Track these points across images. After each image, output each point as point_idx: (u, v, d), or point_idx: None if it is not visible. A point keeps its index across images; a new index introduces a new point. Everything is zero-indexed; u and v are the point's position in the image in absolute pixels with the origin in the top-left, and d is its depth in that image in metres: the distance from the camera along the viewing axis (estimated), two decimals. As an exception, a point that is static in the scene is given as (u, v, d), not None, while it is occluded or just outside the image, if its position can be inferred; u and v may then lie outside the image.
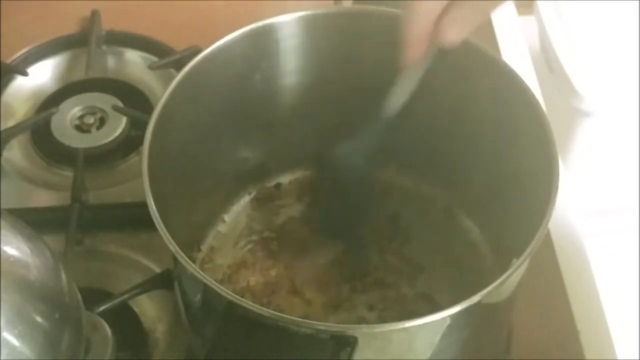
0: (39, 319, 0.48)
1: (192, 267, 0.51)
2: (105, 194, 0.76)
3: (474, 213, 0.70)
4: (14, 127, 0.81)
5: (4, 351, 0.46)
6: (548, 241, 0.72)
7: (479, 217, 0.70)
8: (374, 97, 0.60)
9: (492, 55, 0.62)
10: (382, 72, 0.58)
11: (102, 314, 0.61)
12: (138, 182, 0.55)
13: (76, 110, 0.82)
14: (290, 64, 0.67)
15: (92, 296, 0.62)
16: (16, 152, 0.80)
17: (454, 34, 0.54)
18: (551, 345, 0.67)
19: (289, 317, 0.49)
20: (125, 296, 0.65)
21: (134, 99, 0.83)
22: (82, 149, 0.78)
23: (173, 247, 0.52)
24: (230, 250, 0.70)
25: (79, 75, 0.86)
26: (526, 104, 0.59)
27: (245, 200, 0.73)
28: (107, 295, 0.66)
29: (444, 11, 0.53)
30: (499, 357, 0.65)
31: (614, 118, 1.25)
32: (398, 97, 0.59)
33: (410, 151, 0.70)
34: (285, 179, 0.74)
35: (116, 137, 0.80)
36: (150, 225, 0.52)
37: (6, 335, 0.46)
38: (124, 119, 0.81)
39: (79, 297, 0.54)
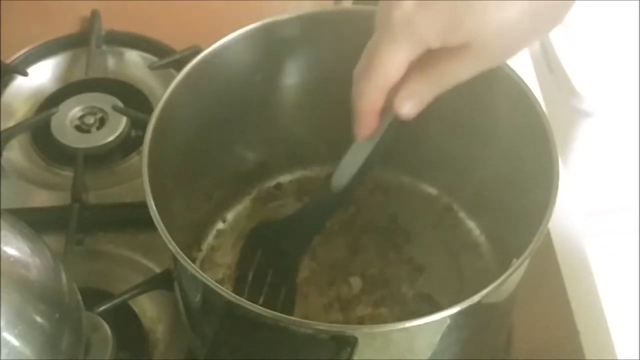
0: (39, 319, 0.48)
1: (192, 267, 0.51)
2: (105, 194, 0.76)
3: (474, 213, 0.70)
4: (14, 127, 0.81)
5: (4, 351, 0.46)
6: (548, 241, 0.72)
7: (479, 217, 0.70)
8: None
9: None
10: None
11: (102, 314, 0.61)
12: (138, 182, 0.55)
13: (76, 110, 0.82)
14: (290, 64, 0.67)
15: (92, 296, 0.63)
16: (16, 152, 0.80)
17: (409, 108, 0.50)
18: (551, 345, 0.67)
19: (289, 317, 0.49)
20: (125, 296, 0.65)
21: (134, 99, 0.83)
22: (82, 149, 0.78)
23: (173, 247, 0.52)
24: (230, 250, 0.70)
25: (79, 75, 0.86)
26: (526, 104, 0.59)
27: (245, 200, 0.73)
28: (107, 295, 0.66)
29: (401, 81, 0.49)
30: (499, 357, 0.65)
31: (614, 118, 1.25)
32: (345, 172, 0.56)
33: (410, 151, 0.70)
34: (285, 179, 0.74)
35: (116, 137, 0.80)
36: (150, 225, 0.52)
37: (6, 335, 0.46)
38: (124, 119, 0.81)
39: (79, 297, 0.54)
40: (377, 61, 0.48)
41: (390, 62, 0.48)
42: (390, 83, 0.49)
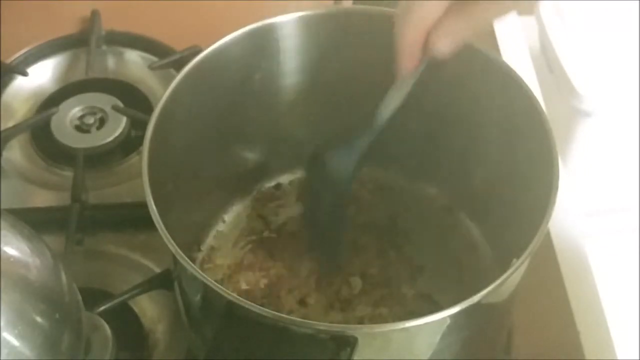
0: (39, 319, 0.48)
1: (192, 267, 0.51)
2: (105, 194, 0.76)
3: (474, 213, 0.70)
4: (14, 127, 0.81)
5: (4, 351, 0.46)
6: (548, 241, 0.72)
7: (479, 217, 0.70)
8: (374, 97, 0.60)
9: (492, 56, 0.62)
10: (381, 72, 0.58)
11: (102, 314, 0.61)
12: (138, 182, 0.55)
13: (76, 110, 0.82)
14: (290, 64, 0.67)
15: (92, 296, 0.63)
16: (16, 152, 0.80)
17: (445, 46, 0.53)
18: (551, 345, 0.67)
19: (289, 317, 0.49)
20: (125, 296, 0.65)
21: (134, 99, 0.83)
22: (82, 149, 0.78)
23: (173, 247, 0.52)
24: (230, 250, 0.70)
25: (79, 75, 0.86)
26: (526, 104, 0.59)
27: (245, 200, 0.73)
28: (107, 295, 0.66)
29: (438, 22, 0.52)
30: (499, 357, 0.65)
31: (614, 118, 1.25)
32: (389, 106, 0.59)
33: (411, 151, 0.70)
34: (285, 179, 0.74)
35: (116, 137, 0.80)
36: (150, 225, 0.52)
37: (6, 335, 0.46)
38: (124, 119, 0.81)
39: (79, 297, 0.54)
40: (417, 1, 0.51)
41: (428, 2, 0.51)
42: (428, 23, 0.52)
